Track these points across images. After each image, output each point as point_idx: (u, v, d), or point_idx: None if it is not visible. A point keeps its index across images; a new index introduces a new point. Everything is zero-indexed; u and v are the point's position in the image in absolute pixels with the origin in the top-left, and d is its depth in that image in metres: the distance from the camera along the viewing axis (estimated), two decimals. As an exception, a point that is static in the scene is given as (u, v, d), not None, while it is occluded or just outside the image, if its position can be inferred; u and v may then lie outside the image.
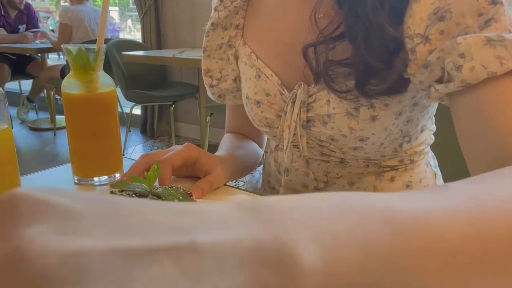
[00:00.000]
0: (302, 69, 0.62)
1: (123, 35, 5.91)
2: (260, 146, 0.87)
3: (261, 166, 0.88)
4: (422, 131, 0.68)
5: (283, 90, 0.66)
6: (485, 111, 0.43)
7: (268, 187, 0.80)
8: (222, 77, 0.77)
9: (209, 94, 0.81)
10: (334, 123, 0.62)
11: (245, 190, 0.69)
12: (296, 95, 0.63)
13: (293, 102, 0.64)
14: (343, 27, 0.56)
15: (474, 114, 0.45)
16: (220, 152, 0.76)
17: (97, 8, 4.06)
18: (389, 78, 0.53)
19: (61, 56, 5.19)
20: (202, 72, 0.78)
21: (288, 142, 0.66)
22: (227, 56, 0.75)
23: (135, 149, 3.65)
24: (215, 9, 0.73)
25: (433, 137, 0.73)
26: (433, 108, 0.67)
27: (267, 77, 0.67)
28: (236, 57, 0.75)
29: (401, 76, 0.54)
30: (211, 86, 0.78)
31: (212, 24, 0.73)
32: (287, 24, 0.65)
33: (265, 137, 0.89)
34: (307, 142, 0.67)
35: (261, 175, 0.86)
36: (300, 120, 0.64)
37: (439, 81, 0.49)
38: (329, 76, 0.58)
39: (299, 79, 0.63)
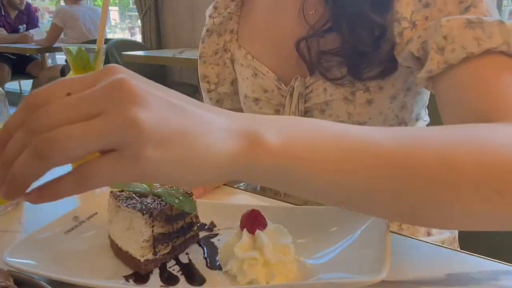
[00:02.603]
0: (297, 63, 0.65)
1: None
2: None
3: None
4: (417, 120, 0.69)
5: (280, 85, 0.68)
6: (461, 89, 0.47)
7: (267, 187, 0.80)
8: (219, 81, 0.79)
9: (206, 101, 0.82)
10: (332, 110, 0.64)
11: (245, 190, 0.69)
12: (293, 87, 0.66)
13: (291, 95, 0.66)
14: (329, 20, 0.60)
15: (453, 92, 0.48)
16: None
17: (94, 7, 4.06)
18: (377, 60, 0.57)
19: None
20: (199, 78, 0.80)
21: None
22: (223, 60, 0.77)
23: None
24: (210, 17, 0.76)
25: None
26: (426, 96, 0.69)
27: (264, 74, 0.69)
28: (232, 61, 0.77)
29: (389, 58, 0.57)
30: (208, 91, 0.80)
31: (208, 30, 0.77)
32: (279, 22, 0.68)
33: None
34: None
35: None
36: (298, 111, 0.66)
37: (421, 63, 0.52)
38: (323, 66, 0.61)
39: (295, 73, 0.66)
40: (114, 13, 6.17)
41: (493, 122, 0.40)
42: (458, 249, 0.73)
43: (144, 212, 0.43)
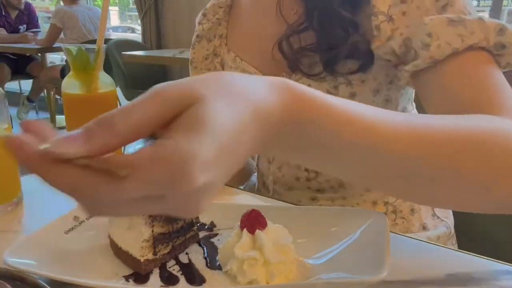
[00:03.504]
0: (281, 62, 0.66)
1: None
2: (252, 157, 0.88)
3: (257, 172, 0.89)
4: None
5: None
6: (447, 83, 0.50)
7: (263, 187, 0.80)
8: None
9: None
10: None
11: (245, 190, 0.69)
12: None
13: None
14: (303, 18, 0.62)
15: (438, 87, 0.50)
16: None
17: (92, 6, 4.05)
18: (350, 54, 0.59)
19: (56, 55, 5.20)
20: None
21: None
22: (214, 65, 0.79)
23: (135, 149, 3.64)
24: (199, 23, 0.79)
25: None
26: (411, 90, 0.70)
27: (251, 74, 0.69)
28: (222, 65, 0.79)
29: (365, 51, 0.58)
30: None
31: (197, 36, 0.79)
32: (264, 22, 0.70)
33: None
34: None
35: (257, 179, 0.87)
36: None
37: (405, 61, 0.54)
38: (302, 63, 0.63)
39: (281, 71, 0.67)
40: (114, 13, 6.17)
41: (487, 113, 0.43)
42: (456, 245, 0.74)
43: (144, 212, 0.43)
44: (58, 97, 3.98)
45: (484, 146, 0.37)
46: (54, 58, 5.21)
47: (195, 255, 0.47)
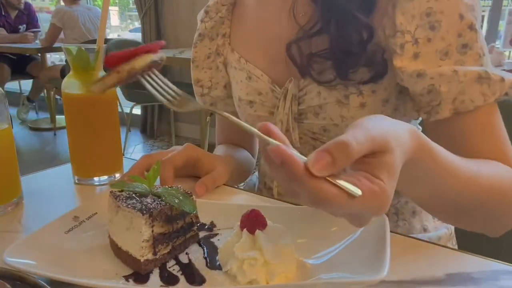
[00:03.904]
0: (290, 65, 0.65)
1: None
2: (252, 155, 0.89)
3: (257, 171, 0.89)
4: (409, 121, 0.69)
5: (275, 87, 0.68)
6: (464, 133, 0.56)
7: (264, 188, 0.80)
8: (212, 85, 0.79)
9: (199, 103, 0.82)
10: (326, 113, 0.64)
11: (245, 190, 0.69)
12: (287, 89, 0.66)
13: (285, 97, 0.67)
14: (318, 21, 0.61)
15: (455, 134, 0.57)
16: (218, 154, 0.77)
17: (92, 6, 4.05)
18: (365, 62, 0.59)
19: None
20: (193, 82, 0.81)
21: None
22: (216, 64, 0.78)
23: (135, 149, 3.65)
24: (202, 21, 0.77)
25: None
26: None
27: (258, 77, 0.70)
28: (225, 64, 0.77)
29: (379, 61, 0.59)
30: (202, 95, 0.81)
31: (200, 35, 0.77)
32: (271, 24, 0.69)
33: (256, 146, 0.90)
34: (300, 137, 0.68)
35: (258, 178, 0.87)
36: (292, 113, 0.66)
37: (424, 108, 0.59)
38: (313, 69, 0.62)
39: (289, 75, 0.66)
40: (114, 13, 6.16)
41: (500, 161, 0.55)
42: (456, 245, 0.74)
43: (144, 212, 0.43)
44: (58, 97, 3.98)
45: (506, 195, 0.53)
46: (53, 58, 5.22)
47: (195, 255, 0.47)
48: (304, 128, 0.67)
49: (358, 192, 0.32)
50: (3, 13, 4.07)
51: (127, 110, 3.36)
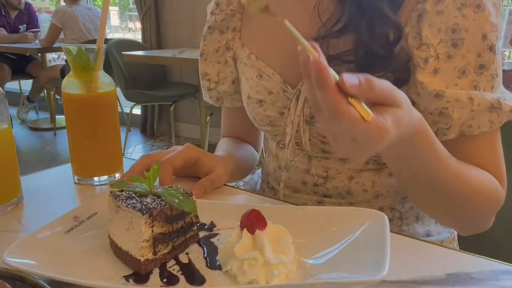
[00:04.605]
0: None
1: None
2: (256, 150, 0.88)
3: (260, 169, 0.89)
4: None
5: (286, 87, 0.66)
6: (464, 150, 0.59)
7: (267, 187, 0.80)
8: (220, 80, 0.77)
9: (206, 98, 0.81)
10: None
11: (245, 190, 0.69)
12: (300, 91, 0.64)
13: (297, 98, 0.65)
14: (344, 19, 0.58)
15: (456, 149, 0.57)
16: (219, 153, 0.76)
17: (92, 6, 4.05)
18: (389, 66, 0.57)
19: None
20: (200, 75, 0.79)
21: (291, 137, 0.67)
22: (225, 58, 0.75)
23: (135, 149, 3.65)
24: (212, 13, 0.74)
25: None
26: None
27: (269, 76, 0.68)
28: (235, 59, 0.75)
29: (402, 68, 0.58)
30: (209, 89, 0.79)
31: (209, 27, 0.74)
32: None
33: (261, 141, 0.89)
34: (310, 140, 0.67)
35: (260, 177, 0.87)
36: (303, 115, 0.65)
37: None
38: None
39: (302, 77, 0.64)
40: (114, 13, 6.16)
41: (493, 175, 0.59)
42: (457, 248, 0.74)
43: (144, 212, 0.43)
44: (58, 97, 3.98)
45: (489, 199, 0.59)
46: (50, 57, 5.21)
47: (195, 255, 0.47)
48: (315, 131, 0.66)
49: (371, 113, 0.38)
50: (3, 13, 4.07)
51: (127, 110, 3.37)
